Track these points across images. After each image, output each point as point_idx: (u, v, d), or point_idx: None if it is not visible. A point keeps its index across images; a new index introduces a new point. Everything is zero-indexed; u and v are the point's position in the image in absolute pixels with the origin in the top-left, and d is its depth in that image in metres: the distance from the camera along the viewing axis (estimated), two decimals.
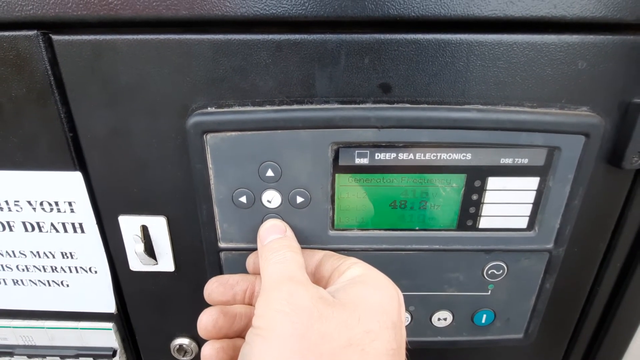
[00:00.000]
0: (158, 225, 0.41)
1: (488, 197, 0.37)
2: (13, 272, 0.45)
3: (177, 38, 0.33)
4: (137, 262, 0.43)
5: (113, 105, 0.35)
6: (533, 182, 0.36)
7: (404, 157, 0.35)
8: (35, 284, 0.46)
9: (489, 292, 0.42)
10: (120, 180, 0.39)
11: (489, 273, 0.40)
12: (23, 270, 0.45)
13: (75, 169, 0.38)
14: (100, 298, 0.46)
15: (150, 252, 0.42)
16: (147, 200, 0.40)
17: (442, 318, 0.43)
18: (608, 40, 0.32)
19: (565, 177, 0.36)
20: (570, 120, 0.34)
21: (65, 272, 0.45)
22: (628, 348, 0.50)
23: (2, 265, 0.45)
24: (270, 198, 0.37)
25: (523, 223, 0.38)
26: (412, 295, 0.41)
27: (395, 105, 0.34)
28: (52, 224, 0.42)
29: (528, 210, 0.38)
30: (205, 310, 0.35)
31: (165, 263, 0.43)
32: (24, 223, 0.42)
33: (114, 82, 0.34)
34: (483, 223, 0.38)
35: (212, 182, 0.36)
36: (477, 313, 0.43)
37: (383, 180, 0.36)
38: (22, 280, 0.45)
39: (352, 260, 0.33)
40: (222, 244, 0.39)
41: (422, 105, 0.34)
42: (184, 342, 0.49)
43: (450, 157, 0.35)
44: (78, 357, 0.50)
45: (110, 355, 0.49)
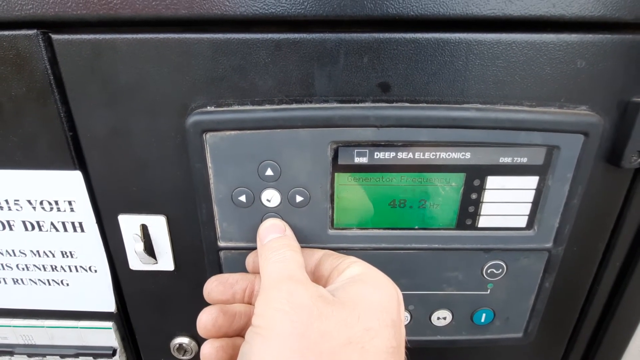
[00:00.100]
0: (158, 225, 0.41)
1: (487, 196, 0.37)
2: (13, 271, 0.45)
3: (176, 37, 0.33)
4: (136, 261, 0.43)
5: (113, 105, 0.35)
6: (532, 181, 0.36)
7: (403, 156, 0.35)
8: (35, 283, 0.46)
9: (488, 291, 0.42)
10: (120, 180, 0.39)
11: (489, 272, 0.41)
12: (23, 270, 0.45)
13: (75, 168, 0.38)
14: (100, 297, 0.46)
15: (150, 251, 0.42)
16: (146, 200, 0.40)
17: (441, 317, 0.43)
18: (607, 39, 0.32)
19: (565, 176, 0.36)
20: (569, 119, 0.34)
21: (65, 271, 0.45)
22: (627, 347, 0.50)
23: (2, 265, 0.45)
24: (270, 197, 0.37)
25: (522, 222, 0.38)
26: (411, 294, 0.41)
27: (394, 105, 0.35)
28: (52, 223, 0.42)
29: (527, 210, 0.38)
30: (205, 309, 0.35)
31: (165, 262, 0.43)
32: (24, 222, 0.42)
33: (114, 81, 0.34)
34: (482, 222, 0.38)
35: (211, 181, 0.36)
36: (476, 312, 0.43)
37: (382, 180, 0.36)
38: (22, 280, 0.46)
39: (351, 259, 0.33)
40: (221, 243, 0.39)
41: (421, 105, 0.34)
42: (184, 341, 0.49)
43: (450, 156, 0.35)
44: (78, 356, 0.50)
45: (110, 355, 0.49)
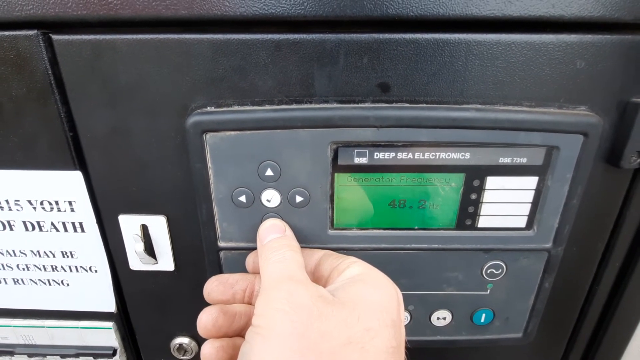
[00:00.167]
0: (158, 225, 0.41)
1: (487, 196, 0.37)
2: (13, 271, 0.45)
3: (176, 38, 0.33)
4: (137, 261, 0.43)
5: (113, 105, 0.35)
6: (532, 181, 0.36)
7: (403, 156, 0.35)
8: (36, 283, 0.46)
9: (488, 291, 0.42)
10: (120, 180, 0.39)
11: (488, 272, 0.41)
12: (23, 270, 0.45)
13: (76, 169, 0.39)
14: (100, 297, 0.46)
15: (150, 251, 0.42)
16: (147, 200, 0.40)
17: (441, 317, 0.43)
18: (606, 40, 0.32)
19: (564, 176, 0.36)
20: (569, 120, 0.34)
21: (66, 271, 0.45)
22: (627, 347, 0.50)
23: (2, 265, 0.45)
24: (270, 197, 0.37)
25: (522, 222, 0.38)
26: (411, 295, 0.41)
27: (394, 105, 0.35)
28: (52, 224, 0.42)
29: (527, 210, 0.38)
30: (205, 309, 0.35)
31: (165, 262, 0.43)
32: (25, 222, 0.42)
33: (114, 81, 0.34)
34: (482, 222, 0.38)
35: (211, 181, 0.36)
36: (476, 312, 0.43)
37: (382, 180, 0.36)
38: (22, 280, 0.46)
39: (351, 259, 0.33)
40: (221, 243, 0.39)
41: (420, 105, 0.34)
42: (184, 341, 0.49)
43: (449, 156, 0.35)
44: (78, 356, 0.50)
45: (110, 355, 0.49)
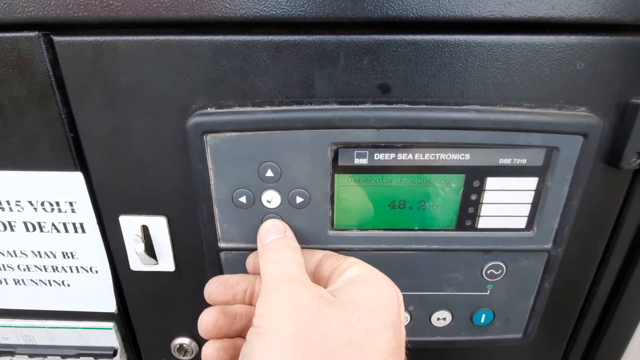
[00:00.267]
0: (158, 225, 0.41)
1: (487, 197, 0.37)
2: (14, 271, 0.45)
3: (177, 39, 0.33)
4: (137, 262, 0.43)
5: (114, 106, 0.35)
6: (532, 182, 0.36)
7: (403, 157, 0.35)
8: (37, 284, 0.46)
9: (488, 292, 0.42)
10: (121, 181, 0.39)
11: (488, 273, 0.41)
12: (24, 270, 0.45)
13: (76, 169, 0.39)
14: (101, 298, 0.46)
15: (151, 252, 0.42)
16: (147, 200, 0.40)
17: (441, 318, 0.43)
18: (606, 41, 0.33)
19: (564, 177, 0.36)
20: (569, 121, 0.34)
21: (66, 271, 0.45)
22: (627, 348, 0.50)
23: (3, 265, 0.45)
24: (270, 198, 0.37)
25: (522, 223, 0.38)
26: (411, 295, 0.42)
27: (394, 106, 0.35)
28: (53, 224, 0.42)
29: (527, 211, 0.38)
30: (206, 310, 0.35)
31: (166, 263, 0.43)
32: (25, 223, 0.42)
33: (115, 82, 0.34)
34: (482, 223, 0.38)
35: (212, 182, 0.36)
36: (476, 313, 0.43)
37: (382, 181, 0.37)
38: (23, 280, 0.46)
39: (351, 260, 0.34)
40: (222, 244, 0.39)
41: (420, 106, 0.35)
42: (185, 341, 0.49)
43: (449, 157, 0.35)
44: (79, 356, 0.50)
45: (111, 355, 0.49)
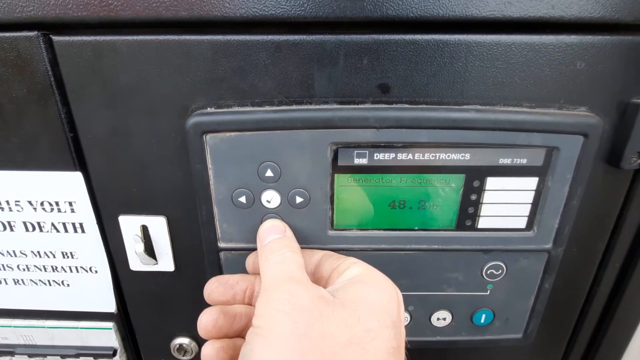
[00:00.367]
0: (158, 225, 0.41)
1: (487, 197, 0.37)
2: (14, 271, 0.45)
3: (176, 39, 0.33)
4: (137, 261, 0.43)
5: (113, 106, 0.35)
6: (532, 182, 0.36)
7: (403, 157, 0.35)
8: (36, 284, 0.46)
9: (488, 292, 0.42)
10: (120, 180, 0.39)
11: (488, 273, 0.41)
12: (24, 270, 0.45)
13: (76, 169, 0.39)
14: (101, 298, 0.46)
15: (150, 252, 0.42)
16: (147, 200, 0.40)
17: (441, 318, 0.43)
18: (606, 41, 0.32)
19: (564, 177, 0.36)
20: (569, 121, 0.34)
21: (66, 271, 0.45)
22: (627, 348, 0.50)
23: (3, 265, 0.45)
24: (270, 198, 0.37)
25: (522, 223, 0.38)
26: (411, 295, 0.42)
27: (394, 106, 0.35)
28: (52, 224, 0.42)
29: (527, 211, 0.38)
30: (206, 310, 0.35)
31: (165, 263, 0.43)
32: (25, 223, 0.42)
33: (114, 82, 0.34)
34: (482, 223, 0.38)
35: (211, 182, 0.36)
36: (476, 313, 0.43)
37: (382, 181, 0.36)
38: (22, 280, 0.46)
39: (351, 260, 0.33)
40: (221, 244, 0.39)
41: (420, 106, 0.35)
42: (184, 341, 0.49)
43: (449, 157, 0.35)
44: (78, 356, 0.50)
45: (111, 355, 0.49)
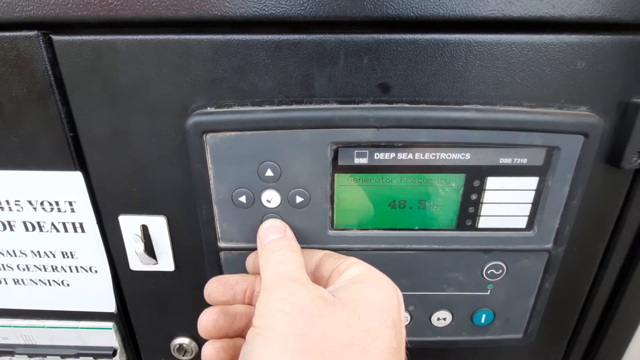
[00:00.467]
0: (158, 225, 0.41)
1: (487, 197, 0.37)
2: (14, 271, 0.45)
3: (176, 38, 0.33)
4: (137, 261, 0.43)
5: (113, 105, 0.35)
6: (532, 182, 0.36)
7: (403, 157, 0.35)
8: (36, 284, 0.46)
9: (489, 292, 0.42)
10: (120, 180, 0.39)
11: (488, 273, 0.41)
12: (24, 270, 0.45)
13: (76, 169, 0.39)
14: (101, 297, 0.46)
15: (150, 251, 0.42)
16: (147, 200, 0.40)
17: (441, 318, 0.43)
18: (607, 40, 0.32)
19: (565, 177, 0.36)
20: (569, 120, 0.34)
21: (66, 271, 0.45)
22: (628, 348, 0.50)
23: (2, 265, 0.45)
24: (270, 198, 0.37)
25: (522, 223, 0.38)
26: (411, 295, 0.41)
27: (394, 105, 0.35)
28: (52, 224, 0.42)
29: (527, 210, 0.38)
30: (206, 310, 0.35)
31: (165, 263, 0.43)
32: (25, 223, 0.42)
33: (114, 82, 0.34)
34: (482, 223, 0.38)
35: (211, 181, 0.36)
36: (476, 313, 0.43)
37: (382, 180, 0.36)
38: (22, 280, 0.46)
39: (351, 260, 0.33)
40: (221, 244, 0.39)
41: (421, 105, 0.34)
42: (184, 341, 0.49)
43: (449, 157, 0.35)
44: (78, 356, 0.50)
45: (111, 355, 0.49)
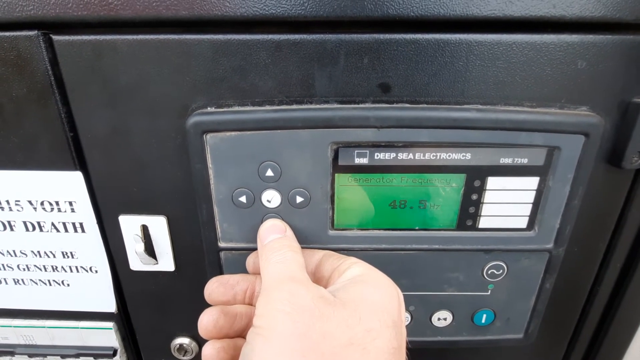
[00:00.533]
0: (158, 225, 0.41)
1: (488, 196, 0.37)
2: (14, 271, 0.45)
3: (176, 38, 0.33)
4: (137, 261, 0.43)
5: (113, 105, 0.35)
6: (533, 182, 0.36)
7: (404, 156, 0.35)
8: (36, 284, 0.46)
9: (489, 292, 0.42)
10: (121, 180, 0.39)
11: (489, 273, 0.40)
12: (24, 270, 0.45)
13: (76, 169, 0.39)
14: (101, 297, 0.46)
15: (151, 251, 0.42)
16: (147, 200, 0.40)
17: (442, 318, 0.43)
18: (607, 40, 0.32)
19: (565, 176, 0.36)
20: (570, 120, 0.34)
21: (66, 271, 0.45)
22: (628, 348, 0.50)
23: (3, 265, 0.45)
24: (270, 198, 0.37)
25: (523, 223, 0.38)
26: (412, 295, 0.41)
27: (395, 105, 0.34)
28: (52, 224, 0.42)
29: (528, 210, 0.38)
30: (206, 311, 0.35)
31: (166, 263, 0.43)
32: (25, 223, 0.42)
33: (114, 82, 0.34)
34: (483, 223, 0.38)
35: (212, 181, 0.36)
36: (477, 313, 0.43)
37: (382, 180, 0.36)
38: (23, 280, 0.46)
39: (352, 260, 0.33)
40: (222, 244, 0.39)
41: (421, 105, 0.34)
42: (184, 341, 0.49)
43: (450, 157, 0.35)
44: (78, 356, 0.50)
45: (111, 355, 0.49)
